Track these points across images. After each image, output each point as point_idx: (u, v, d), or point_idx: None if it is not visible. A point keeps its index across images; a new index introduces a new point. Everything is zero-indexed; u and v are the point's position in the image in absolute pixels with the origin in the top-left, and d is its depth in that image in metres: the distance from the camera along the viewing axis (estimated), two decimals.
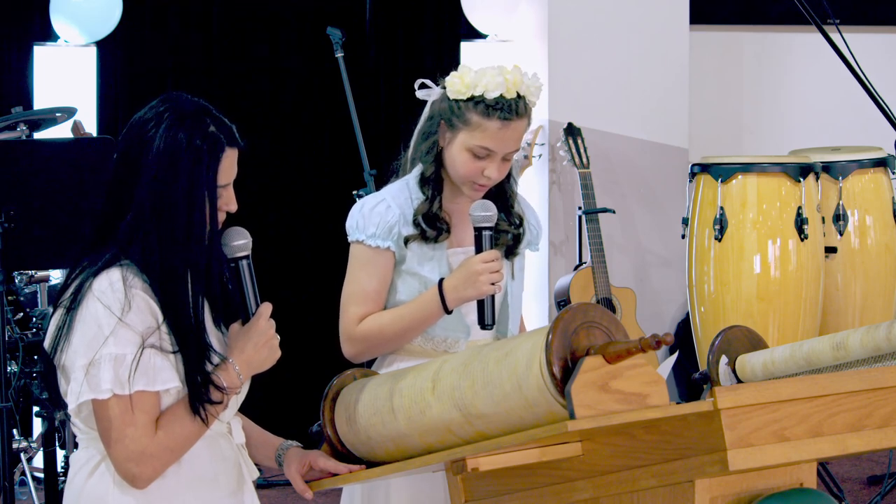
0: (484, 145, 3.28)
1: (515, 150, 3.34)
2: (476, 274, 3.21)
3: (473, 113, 3.29)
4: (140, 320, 2.70)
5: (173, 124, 2.76)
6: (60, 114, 5.43)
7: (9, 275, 4.88)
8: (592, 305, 2.70)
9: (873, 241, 5.74)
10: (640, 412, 2.58)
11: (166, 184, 2.75)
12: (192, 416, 2.73)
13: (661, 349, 2.61)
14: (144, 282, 2.73)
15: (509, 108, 3.28)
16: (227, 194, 2.85)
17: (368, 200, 3.40)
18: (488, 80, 3.29)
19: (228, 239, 2.85)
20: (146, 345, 2.70)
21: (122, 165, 2.78)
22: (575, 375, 2.57)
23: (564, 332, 2.62)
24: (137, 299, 2.70)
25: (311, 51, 6.59)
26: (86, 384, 2.70)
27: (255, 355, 2.80)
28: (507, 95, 3.28)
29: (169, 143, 2.75)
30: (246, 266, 2.84)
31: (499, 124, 3.27)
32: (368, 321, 3.31)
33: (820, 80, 7.04)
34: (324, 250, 6.57)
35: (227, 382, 2.76)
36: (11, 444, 4.77)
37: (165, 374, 2.71)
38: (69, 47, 6.23)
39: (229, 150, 2.81)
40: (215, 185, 2.79)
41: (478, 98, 3.29)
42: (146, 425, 2.70)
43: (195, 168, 2.76)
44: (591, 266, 6.04)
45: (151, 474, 2.73)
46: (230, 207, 2.85)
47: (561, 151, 6.27)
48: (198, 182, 2.77)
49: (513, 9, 6.60)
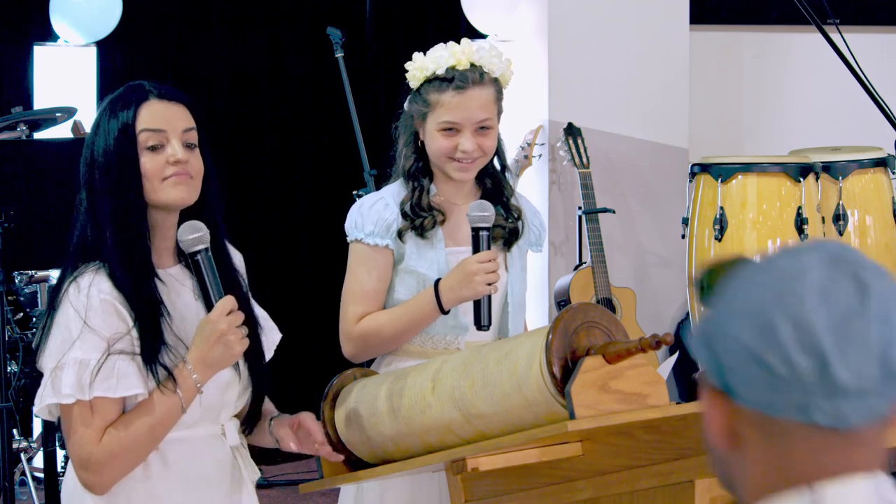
0: (447, 119, 3.31)
1: (486, 120, 3.34)
2: (472, 274, 3.20)
3: (431, 92, 3.33)
4: (106, 325, 2.68)
5: (104, 110, 2.78)
6: (60, 114, 5.43)
7: (9, 275, 4.89)
8: (592, 305, 2.70)
9: (873, 241, 5.74)
10: (640, 412, 2.58)
11: (103, 155, 2.74)
12: (143, 421, 2.67)
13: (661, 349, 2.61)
14: (115, 287, 2.70)
15: (463, 78, 3.31)
16: (168, 141, 2.76)
17: (367, 199, 3.41)
18: (436, 56, 3.34)
19: (183, 234, 2.75)
20: (112, 350, 2.66)
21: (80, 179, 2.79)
22: (575, 375, 2.57)
23: (564, 332, 2.62)
24: (103, 304, 2.68)
25: (311, 51, 6.59)
26: (49, 387, 2.69)
27: (208, 352, 2.69)
28: (458, 67, 3.31)
29: (97, 129, 2.76)
30: (205, 259, 2.74)
31: (453, 94, 3.30)
32: (367, 321, 3.32)
33: (820, 80, 7.04)
34: (324, 250, 6.57)
35: (180, 381, 2.70)
36: (11, 444, 4.77)
37: (129, 380, 2.67)
38: (69, 47, 6.23)
39: (154, 100, 2.77)
40: (134, 127, 2.74)
41: (430, 76, 3.33)
42: (94, 432, 2.67)
43: (117, 125, 2.74)
44: (591, 266, 6.04)
45: (102, 481, 2.69)
46: (176, 156, 2.75)
47: (561, 151, 6.27)
48: (122, 139, 2.73)
49: (513, 9, 6.60)
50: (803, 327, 1.44)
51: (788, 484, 1.48)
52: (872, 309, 1.44)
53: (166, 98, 2.78)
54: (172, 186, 2.75)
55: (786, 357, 1.44)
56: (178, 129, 2.77)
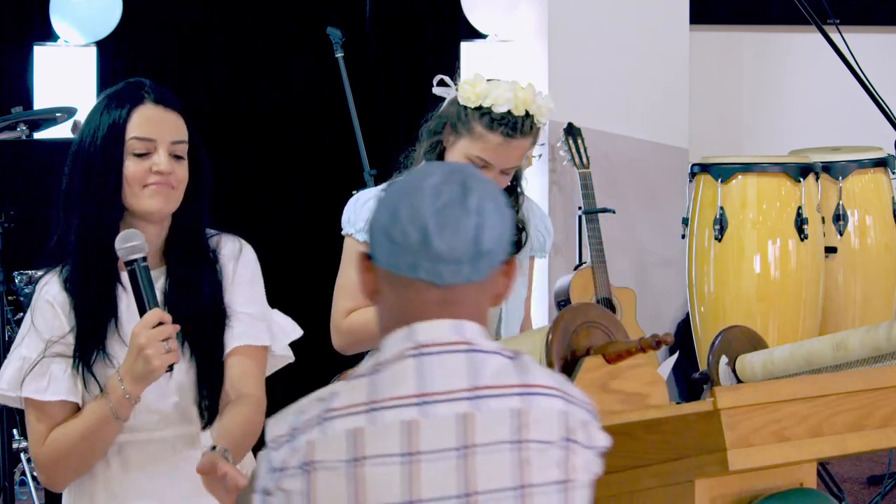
0: (483, 156, 3.27)
1: (514, 167, 3.33)
2: None
3: (478, 123, 3.27)
4: (46, 326, 2.69)
5: (101, 104, 2.76)
6: (60, 114, 5.42)
7: (9, 275, 4.88)
8: (592, 305, 2.70)
9: (873, 241, 5.74)
10: (640, 412, 2.58)
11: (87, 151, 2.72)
12: (76, 427, 2.67)
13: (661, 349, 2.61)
14: (63, 289, 2.70)
15: (514, 125, 3.25)
16: (156, 150, 2.73)
17: (363, 195, 3.42)
18: (499, 94, 3.26)
19: (119, 242, 2.69)
20: (49, 353, 2.67)
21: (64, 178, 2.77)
22: (575, 375, 2.57)
23: (564, 332, 2.62)
24: (46, 305, 2.69)
25: (311, 51, 6.58)
26: None
27: (132, 365, 2.64)
28: (514, 112, 3.25)
29: (88, 122, 2.75)
30: (139, 269, 2.68)
31: (500, 139, 3.26)
32: (355, 315, 3.33)
33: (820, 80, 7.03)
34: (323, 250, 6.55)
35: (110, 392, 2.67)
36: (11, 444, 4.77)
37: (59, 384, 2.67)
38: (69, 47, 6.23)
39: (150, 104, 2.74)
40: (124, 130, 2.71)
41: (485, 109, 3.26)
42: (39, 433, 2.70)
43: (108, 122, 2.71)
44: (591, 266, 6.04)
45: (51, 480, 2.71)
46: (160, 167, 2.72)
47: (561, 151, 6.27)
48: (110, 139, 2.71)
49: (513, 9, 6.60)
50: (416, 212, 1.98)
51: (401, 324, 2.01)
52: (469, 204, 1.99)
53: (162, 104, 2.75)
54: (151, 196, 2.72)
55: (402, 231, 1.98)
56: (168, 139, 2.74)
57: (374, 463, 1.94)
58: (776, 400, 2.49)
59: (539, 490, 1.97)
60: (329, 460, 1.94)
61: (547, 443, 1.98)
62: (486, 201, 2.01)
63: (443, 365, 1.99)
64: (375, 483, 1.93)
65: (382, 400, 1.97)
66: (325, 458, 1.94)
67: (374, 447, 1.94)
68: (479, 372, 1.99)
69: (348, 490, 1.93)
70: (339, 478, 1.93)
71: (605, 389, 2.59)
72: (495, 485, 1.95)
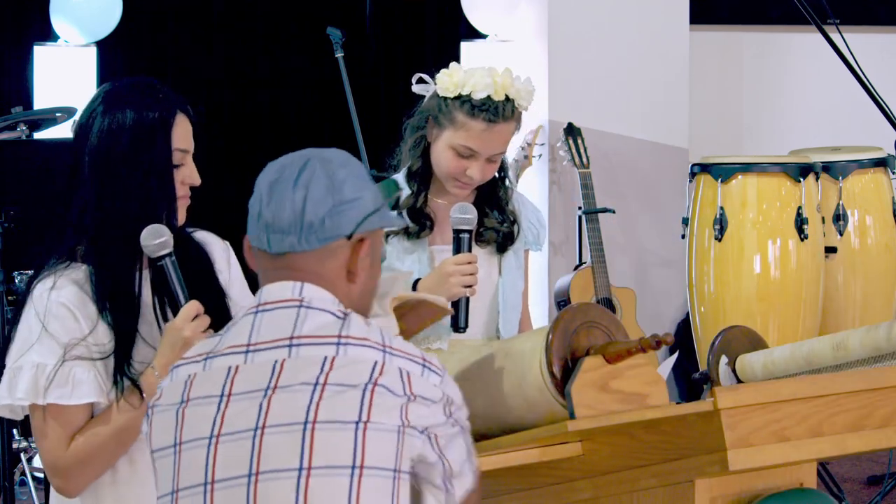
0: (467, 145, 3.28)
1: (500, 153, 3.34)
2: (447, 275, 3.20)
3: (459, 112, 3.29)
4: (64, 330, 2.66)
5: (111, 107, 2.71)
6: (60, 114, 5.42)
7: (9, 275, 4.88)
8: (592, 305, 2.70)
9: (873, 241, 5.74)
10: (640, 412, 2.58)
11: (111, 161, 2.68)
12: (110, 427, 2.66)
13: (661, 349, 2.61)
14: (80, 288, 2.68)
15: (495, 111, 3.27)
16: (187, 163, 2.76)
17: None
18: (476, 80, 3.29)
19: (146, 239, 2.70)
20: (69, 356, 2.64)
21: (70, 171, 2.74)
22: (575, 375, 2.57)
23: (564, 332, 2.62)
24: (61, 308, 2.66)
25: (311, 51, 6.59)
26: (5, 388, 2.68)
27: (172, 357, 2.62)
28: (494, 97, 3.27)
29: (110, 124, 2.70)
30: (170, 264, 2.71)
31: (483, 125, 3.27)
32: None
33: (820, 80, 7.04)
34: None
35: (145, 387, 2.67)
36: (11, 444, 4.77)
37: (85, 388, 2.65)
38: (69, 47, 6.23)
39: (181, 116, 2.75)
40: (170, 146, 2.72)
41: (465, 97, 3.29)
42: (59, 438, 2.66)
43: (145, 135, 2.69)
44: (591, 266, 6.04)
45: (70, 486, 2.69)
46: (193, 180, 2.77)
47: (561, 151, 6.27)
48: (150, 147, 2.69)
49: (513, 9, 6.60)
50: (258, 188, 2.27)
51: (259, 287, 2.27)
52: (300, 180, 2.24)
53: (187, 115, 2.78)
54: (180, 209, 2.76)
55: (252, 205, 2.27)
56: (192, 148, 2.78)
57: (196, 403, 2.20)
58: (776, 400, 2.49)
59: (326, 426, 2.12)
60: (166, 404, 2.23)
61: (346, 385, 2.13)
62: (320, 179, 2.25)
63: (273, 319, 2.22)
64: (193, 419, 2.19)
65: (221, 350, 2.23)
66: (164, 402, 2.24)
67: (199, 389, 2.21)
68: (303, 324, 2.20)
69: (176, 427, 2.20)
70: (170, 417, 2.21)
71: (605, 389, 2.59)
72: (285, 420, 2.13)
